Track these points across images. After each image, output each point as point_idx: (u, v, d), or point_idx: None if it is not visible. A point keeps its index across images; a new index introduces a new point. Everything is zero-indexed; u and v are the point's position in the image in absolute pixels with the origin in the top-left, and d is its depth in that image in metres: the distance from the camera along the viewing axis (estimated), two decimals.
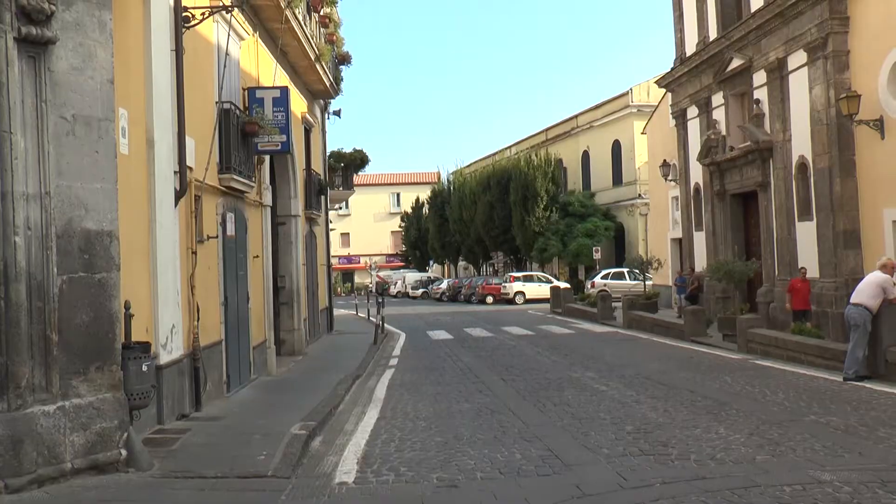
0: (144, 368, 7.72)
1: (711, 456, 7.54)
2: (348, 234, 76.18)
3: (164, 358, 9.19)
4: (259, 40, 14.96)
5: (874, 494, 6.14)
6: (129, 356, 7.56)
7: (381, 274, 63.22)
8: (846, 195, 17.76)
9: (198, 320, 10.39)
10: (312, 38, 18.26)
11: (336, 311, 28.88)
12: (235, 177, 12.06)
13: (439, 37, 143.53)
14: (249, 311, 13.33)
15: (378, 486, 6.88)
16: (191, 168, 10.38)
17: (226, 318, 11.86)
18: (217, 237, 11.54)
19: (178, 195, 9.87)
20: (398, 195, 78.58)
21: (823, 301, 17.76)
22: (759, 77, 21.36)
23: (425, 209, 63.45)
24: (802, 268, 18.39)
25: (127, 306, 7.84)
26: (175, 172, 9.78)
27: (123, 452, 7.12)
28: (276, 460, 7.60)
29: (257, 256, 14.19)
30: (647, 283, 29.17)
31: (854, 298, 12.45)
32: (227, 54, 11.96)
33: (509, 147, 59.23)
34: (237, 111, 12.40)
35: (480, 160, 63.77)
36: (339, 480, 7.10)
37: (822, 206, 18.46)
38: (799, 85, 19.43)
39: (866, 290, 12.30)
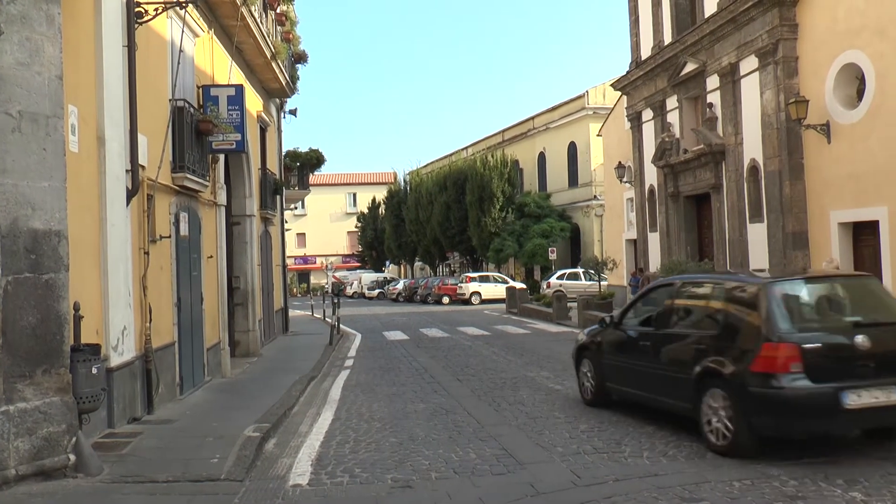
0: (94, 371, 7.57)
1: (664, 453, 7.65)
2: (304, 234, 75.67)
3: (115, 360, 9.02)
4: (214, 37, 14.79)
5: (817, 487, 6.32)
6: (78, 358, 7.40)
7: (338, 274, 62.92)
8: (795, 197, 18.15)
9: (150, 321, 10.23)
10: (268, 36, 18.10)
11: (292, 312, 28.68)
12: (189, 176, 11.90)
13: (396, 37, 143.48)
14: (203, 312, 13.16)
15: (332, 488, 6.85)
16: (143, 166, 10.22)
17: (179, 320, 11.69)
18: (170, 237, 11.37)
19: (130, 194, 9.71)
20: (354, 195, 78.28)
21: None
22: (713, 81, 21.73)
23: (381, 209, 63.34)
24: (762, 269, 17.79)
25: (76, 307, 7.68)
26: (127, 171, 9.61)
27: (72, 457, 6.97)
28: (229, 463, 7.52)
29: (211, 256, 14.02)
30: (602, 283, 29.46)
31: None
32: (181, 51, 11.79)
33: (466, 148, 59.40)
34: (191, 109, 12.24)
35: (437, 161, 63.85)
36: (294, 482, 7.05)
37: (772, 208, 18.83)
38: (750, 89, 19.80)
39: None
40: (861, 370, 7.27)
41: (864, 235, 16.76)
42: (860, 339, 7.28)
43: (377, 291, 55.13)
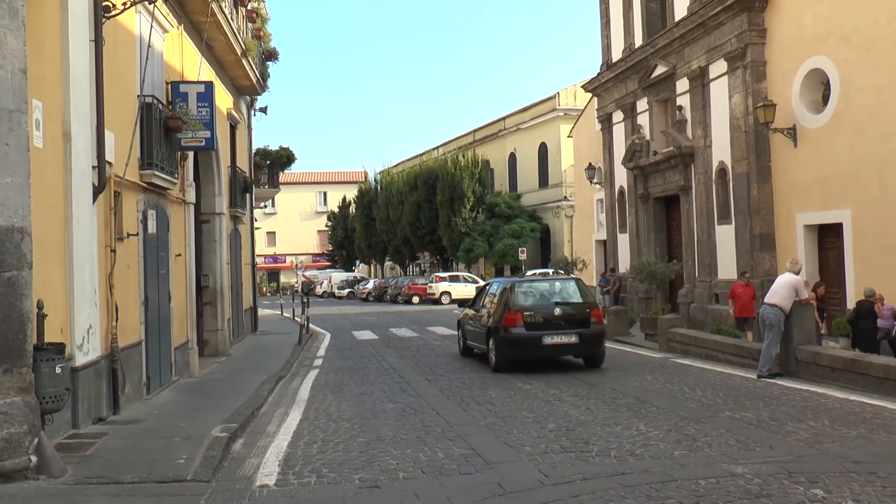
0: (58, 370, 7.44)
1: (631, 452, 7.70)
2: (274, 232, 75.25)
3: (81, 359, 8.90)
4: (184, 33, 14.64)
5: (781, 485, 6.40)
6: (42, 358, 7.27)
7: (307, 274, 62.60)
8: (762, 200, 18.39)
9: (116, 320, 10.10)
10: (239, 33, 17.97)
11: (261, 311, 28.52)
12: (157, 173, 11.76)
13: (367, 37, 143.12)
14: (171, 311, 13.02)
15: (299, 488, 6.81)
16: (110, 163, 10.08)
17: (146, 318, 11.56)
18: (138, 235, 11.24)
19: (97, 191, 9.58)
20: (325, 194, 77.99)
21: None
22: (682, 84, 21.94)
23: (352, 208, 63.15)
24: (745, 272, 17.46)
25: (40, 306, 7.57)
26: (93, 167, 9.49)
27: (33, 459, 6.84)
28: (196, 464, 7.44)
29: (180, 255, 13.89)
30: None
31: (768, 299, 12.88)
32: (149, 46, 11.68)
33: (437, 147, 59.41)
34: (160, 105, 12.11)
35: (408, 160, 63.81)
36: (261, 483, 7.00)
37: (740, 210, 19.06)
38: (719, 93, 20.03)
39: (780, 292, 12.72)
40: (555, 325, 13.85)
41: (828, 238, 17.03)
42: (557, 310, 14.00)
43: (347, 291, 54.96)
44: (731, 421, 9.12)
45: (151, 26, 11.76)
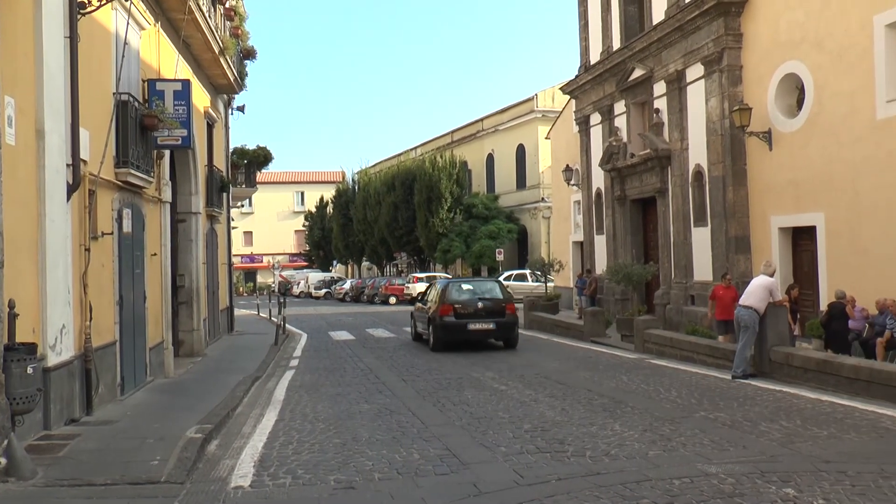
0: (30, 371, 7.37)
1: (606, 452, 7.75)
2: (251, 232, 74.87)
3: (53, 360, 8.80)
4: (161, 30, 14.53)
5: (753, 484, 6.47)
6: (12, 358, 7.20)
7: (284, 273, 62.33)
8: (738, 202, 18.56)
9: (90, 320, 10.00)
10: (217, 31, 17.87)
11: (237, 312, 28.37)
12: (133, 171, 11.66)
13: (346, 35, 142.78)
14: (146, 311, 12.92)
15: (274, 490, 6.78)
16: (85, 161, 9.99)
17: (121, 318, 11.45)
18: (112, 234, 11.14)
19: (71, 189, 9.48)
20: (302, 194, 77.71)
21: None
22: (660, 87, 22.08)
23: (329, 208, 62.95)
24: (726, 273, 17.22)
25: (11, 305, 7.48)
26: (68, 165, 9.38)
27: (3, 461, 6.76)
28: (170, 465, 7.39)
29: (155, 254, 13.78)
30: (548, 284, 29.71)
31: (743, 301, 13.01)
32: (125, 44, 11.57)
33: (415, 148, 59.36)
34: (136, 103, 12.00)
35: (386, 160, 63.72)
36: (235, 484, 6.96)
37: (716, 213, 19.22)
38: (696, 96, 20.18)
39: (755, 293, 12.86)
40: (478, 315, 17.76)
41: (802, 240, 17.22)
42: (479, 304, 17.84)
43: (324, 291, 54.79)
44: (705, 421, 9.20)
45: (128, 23, 11.66)
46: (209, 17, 16.60)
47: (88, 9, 9.92)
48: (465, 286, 18.97)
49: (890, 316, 13.31)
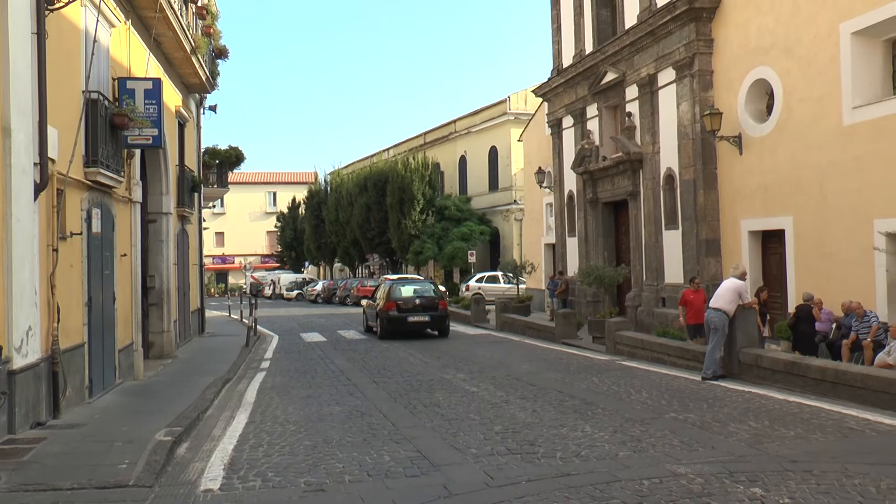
0: None
1: (576, 453, 7.79)
2: (223, 233, 74.34)
3: (19, 362, 8.67)
4: (132, 28, 14.38)
5: (722, 484, 6.55)
6: None
7: (256, 275, 61.95)
8: (708, 206, 18.75)
9: (58, 322, 9.87)
10: (189, 30, 17.73)
11: (209, 313, 28.15)
12: (102, 171, 11.53)
13: (319, 36, 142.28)
14: (116, 312, 12.78)
15: (244, 493, 6.74)
16: (53, 160, 9.86)
17: (89, 320, 11.32)
18: (81, 234, 11.01)
19: (38, 188, 9.36)
20: (274, 194, 77.30)
21: None
22: (632, 91, 22.24)
23: (301, 209, 62.63)
24: (694, 277, 17.13)
25: None
26: (35, 164, 9.27)
27: None
28: (138, 468, 7.31)
29: (125, 255, 13.63)
30: (520, 286, 29.81)
31: (713, 303, 13.14)
32: (95, 41, 11.44)
33: (387, 149, 59.26)
34: (106, 102, 11.87)
35: (358, 161, 63.58)
36: (205, 487, 6.91)
37: (687, 216, 19.39)
38: (668, 100, 20.36)
39: (724, 296, 13.00)
40: (416, 310, 21.67)
41: (771, 243, 17.43)
42: (417, 300, 21.80)
43: (296, 292, 54.48)
44: (675, 422, 9.29)
45: (97, 20, 11.52)
46: (180, 15, 16.46)
47: (56, 5, 9.80)
48: (406, 286, 22.84)
49: (855, 318, 13.52)
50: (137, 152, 14.35)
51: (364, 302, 25.88)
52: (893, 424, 8.86)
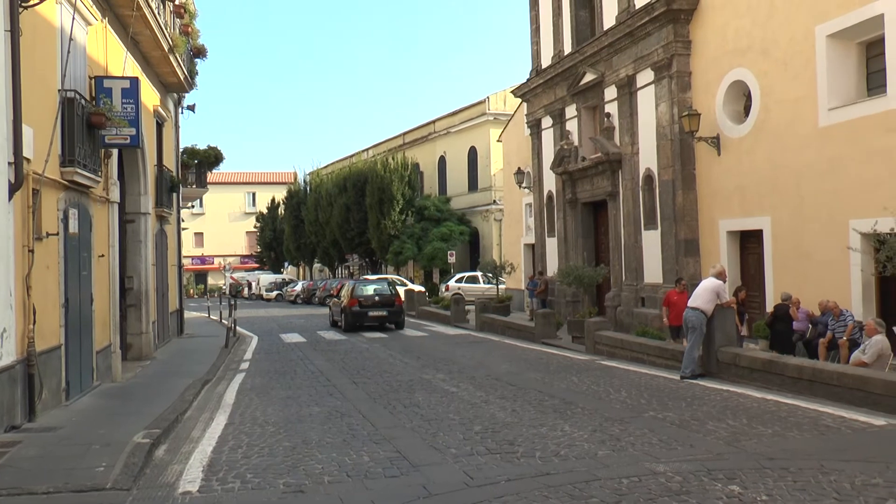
0: None
1: (556, 453, 7.81)
2: (202, 233, 73.87)
3: None
4: (108, 27, 14.26)
5: (700, 482, 6.60)
6: None
7: (235, 275, 61.60)
8: (687, 206, 18.87)
9: (34, 323, 9.76)
10: (166, 28, 17.60)
11: (188, 314, 27.98)
12: (79, 170, 11.42)
13: (298, 37, 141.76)
14: (93, 314, 12.66)
15: (223, 495, 6.70)
16: (28, 159, 9.74)
17: (66, 321, 11.20)
18: (58, 234, 10.90)
19: (13, 188, 9.25)
20: (254, 195, 76.95)
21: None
22: (611, 92, 22.34)
23: (281, 209, 62.39)
24: (680, 278, 17.00)
25: None
26: (10, 163, 9.16)
27: None
28: (116, 471, 7.24)
29: (103, 255, 13.51)
30: (500, 286, 29.84)
31: (691, 303, 13.23)
32: (71, 39, 11.34)
33: (367, 150, 59.14)
34: (83, 101, 11.76)
35: (337, 161, 63.41)
36: (183, 490, 6.86)
37: (665, 216, 19.51)
38: (646, 101, 20.47)
39: (703, 296, 13.09)
40: (375, 305, 24.74)
41: (749, 243, 17.57)
42: (376, 297, 24.91)
43: (275, 293, 54.25)
44: (654, 421, 9.34)
45: (73, 18, 11.42)
46: (158, 13, 16.34)
47: (31, 2, 9.69)
48: (367, 285, 26.23)
49: (832, 317, 13.66)
50: (115, 152, 14.23)
51: (332, 301, 29.16)
52: (868, 422, 8.96)
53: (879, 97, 13.82)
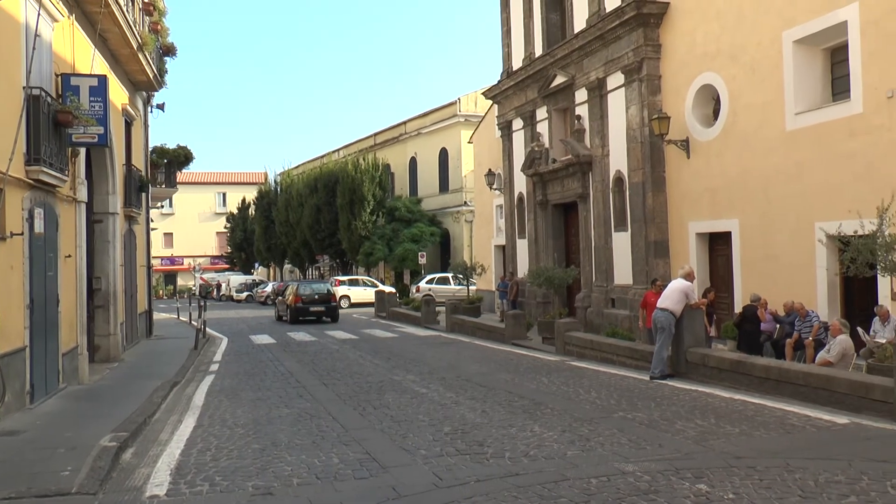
0: None
1: (525, 453, 7.84)
2: (171, 234, 73.20)
3: None
4: (76, 23, 14.08)
5: (668, 481, 6.66)
6: None
7: (206, 276, 61.06)
8: (657, 208, 19.02)
9: None
10: (135, 26, 17.41)
11: (157, 315, 27.71)
12: (45, 169, 11.26)
13: (268, 37, 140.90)
14: (60, 315, 12.48)
15: (191, 498, 6.64)
16: None
17: (31, 322, 11.03)
18: (23, 234, 10.73)
19: None
20: (224, 195, 76.39)
21: (636, 305, 18.87)
22: (581, 94, 22.46)
23: (251, 210, 61.99)
24: (656, 279, 16.86)
25: None
26: None
27: None
28: (81, 475, 7.14)
29: (70, 256, 13.33)
30: (470, 287, 29.88)
31: (660, 303, 13.34)
32: (37, 35, 11.17)
33: (338, 150, 58.93)
34: (49, 98, 11.60)
35: (308, 162, 63.16)
36: (151, 493, 6.79)
37: (636, 218, 19.65)
38: (617, 104, 20.60)
39: (672, 297, 13.21)
40: (315, 302, 30.12)
41: (718, 245, 17.76)
42: (316, 295, 30.51)
43: (246, 294, 53.90)
44: (623, 421, 9.40)
45: (39, 14, 11.25)
46: (126, 10, 16.16)
47: None
48: (308, 286, 31.35)
49: (798, 318, 13.85)
50: (82, 151, 14.05)
51: (278, 299, 34.01)
52: (832, 420, 9.11)
53: (843, 102, 14.04)
